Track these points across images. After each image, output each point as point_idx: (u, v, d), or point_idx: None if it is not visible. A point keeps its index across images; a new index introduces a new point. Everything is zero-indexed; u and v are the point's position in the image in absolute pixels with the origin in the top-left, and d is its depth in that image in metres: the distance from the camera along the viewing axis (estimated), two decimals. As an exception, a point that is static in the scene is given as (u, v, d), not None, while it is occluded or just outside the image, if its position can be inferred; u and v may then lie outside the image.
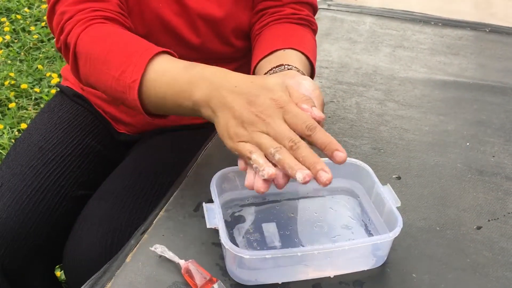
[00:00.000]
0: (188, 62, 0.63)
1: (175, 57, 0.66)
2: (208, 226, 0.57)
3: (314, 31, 0.85)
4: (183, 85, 0.60)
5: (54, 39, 0.73)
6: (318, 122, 0.57)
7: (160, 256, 0.59)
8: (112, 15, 0.71)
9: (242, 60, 0.92)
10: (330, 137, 0.55)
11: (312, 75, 0.77)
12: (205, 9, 0.82)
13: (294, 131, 0.55)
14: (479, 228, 0.67)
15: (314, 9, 0.86)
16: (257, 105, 0.55)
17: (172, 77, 0.61)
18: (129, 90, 0.62)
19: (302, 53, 0.74)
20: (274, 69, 0.69)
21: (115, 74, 0.63)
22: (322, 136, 0.55)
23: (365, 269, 0.60)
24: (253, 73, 0.77)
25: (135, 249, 0.61)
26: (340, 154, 0.54)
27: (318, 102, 0.60)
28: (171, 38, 0.83)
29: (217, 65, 0.90)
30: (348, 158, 0.66)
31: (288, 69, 0.68)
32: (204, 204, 0.60)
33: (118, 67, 0.63)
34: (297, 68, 0.69)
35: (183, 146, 0.88)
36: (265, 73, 0.70)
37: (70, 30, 0.69)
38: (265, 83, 0.57)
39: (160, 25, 0.81)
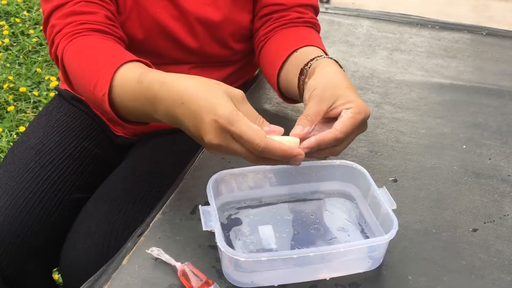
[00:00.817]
0: (141, 71, 0.63)
1: (147, 64, 0.67)
2: (204, 229, 0.57)
3: (318, 31, 0.86)
4: (144, 104, 0.61)
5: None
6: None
7: (156, 258, 0.60)
8: (99, 26, 0.73)
9: (241, 62, 0.93)
10: (282, 146, 0.55)
11: None
12: (203, 13, 0.82)
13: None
14: (475, 230, 0.67)
15: (316, 11, 0.87)
16: (204, 131, 0.56)
17: (132, 92, 0.62)
18: (102, 103, 0.64)
19: (317, 47, 0.75)
20: (300, 78, 0.70)
21: (90, 88, 0.66)
22: (274, 151, 0.55)
23: (361, 271, 0.60)
24: (278, 81, 0.78)
25: (132, 251, 0.61)
26: (299, 158, 0.56)
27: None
28: (169, 42, 0.84)
29: (216, 69, 0.91)
30: (344, 161, 0.67)
31: (308, 67, 0.69)
32: (200, 206, 0.60)
33: (91, 81, 0.66)
34: (315, 58, 0.70)
35: (180, 148, 0.88)
36: (298, 85, 0.71)
37: (58, 43, 0.72)
38: (208, 99, 0.56)
39: (158, 30, 0.82)
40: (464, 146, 0.83)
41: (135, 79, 0.62)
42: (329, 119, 0.63)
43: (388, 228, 0.58)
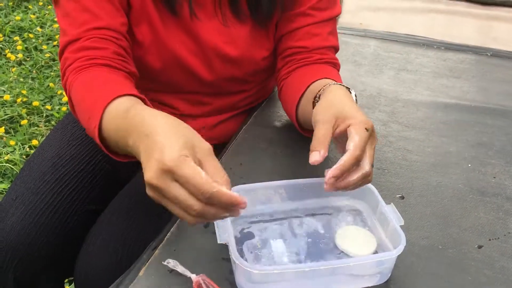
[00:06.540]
0: (129, 105, 0.62)
1: (142, 98, 0.66)
2: (219, 242, 0.59)
3: (338, 70, 0.89)
4: (123, 132, 0.60)
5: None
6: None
7: (172, 270, 0.62)
8: (107, 61, 0.74)
9: (253, 89, 0.96)
10: (232, 193, 0.53)
11: None
12: (222, 50, 0.85)
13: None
14: (480, 247, 0.69)
15: (337, 50, 0.91)
16: (147, 168, 0.53)
17: (116, 123, 0.62)
18: (94, 135, 0.65)
19: (332, 79, 0.77)
20: (314, 103, 0.72)
21: (86, 120, 0.67)
22: (222, 200, 0.53)
23: (369, 285, 0.62)
24: (297, 115, 0.81)
25: (148, 263, 0.63)
26: (242, 207, 0.54)
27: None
28: (185, 74, 0.87)
29: (228, 97, 0.94)
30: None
31: (322, 90, 0.72)
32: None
33: (86, 113, 0.67)
34: (329, 84, 0.73)
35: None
36: (313, 107, 0.72)
37: (68, 76, 0.74)
38: (165, 138, 0.54)
39: (176, 63, 0.85)
40: (469, 165, 0.85)
41: (122, 111, 0.62)
42: (343, 141, 0.65)
43: (396, 243, 0.60)
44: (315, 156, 0.62)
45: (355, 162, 0.61)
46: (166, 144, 0.53)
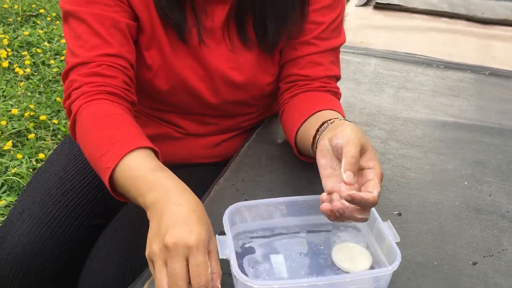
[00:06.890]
0: (158, 164, 0.67)
1: (157, 152, 0.70)
2: (220, 257, 0.61)
3: (339, 99, 0.91)
4: (143, 185, 0.64)
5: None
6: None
7: (175, 284, 0.63)
8: (116, 90, 0.77)
9: (257, 112, 0.99)
10: None
11: None
12: (228, 75, 0.87)
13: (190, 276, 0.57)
14: (474, 263, 0.70)
15: (338, 79, 0.92)
16: (175, 229, 0.57)
17: (138, 175, 0.65)
18: (103, 173, 0.68)
19: (337, 111, 0.79)
20: (319, 129, 0.73)
21: (96, 154, 0.69)
22: None
23: (366, 300, 0.63)
24: (295, 139, 0.82)
25: (151, 277, 0.65)
26: None
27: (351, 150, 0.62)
28: (192, 98, 0.89)
29: (232, 119, 0.97)
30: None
31: (331, 122, 0.72)
32: (217, 236, 0.64)
33: (100, 149, 0.69)
34: (338, 118, 0.74)
35: (196, 180, 0.92)
36: (315, 135, 0.74)
37: (75, 99, 0.76)
38: (196, 220, 0.58)
39: (183, 87, 0.87)
40: (466, 183, 0.87)
41: (149, 169, 0.65)
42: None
43: (392, 260, 0.62)
44: (350, 178, 0.61)
45: (371, 206, 0.62)
46: (198, 225, 0.58)
